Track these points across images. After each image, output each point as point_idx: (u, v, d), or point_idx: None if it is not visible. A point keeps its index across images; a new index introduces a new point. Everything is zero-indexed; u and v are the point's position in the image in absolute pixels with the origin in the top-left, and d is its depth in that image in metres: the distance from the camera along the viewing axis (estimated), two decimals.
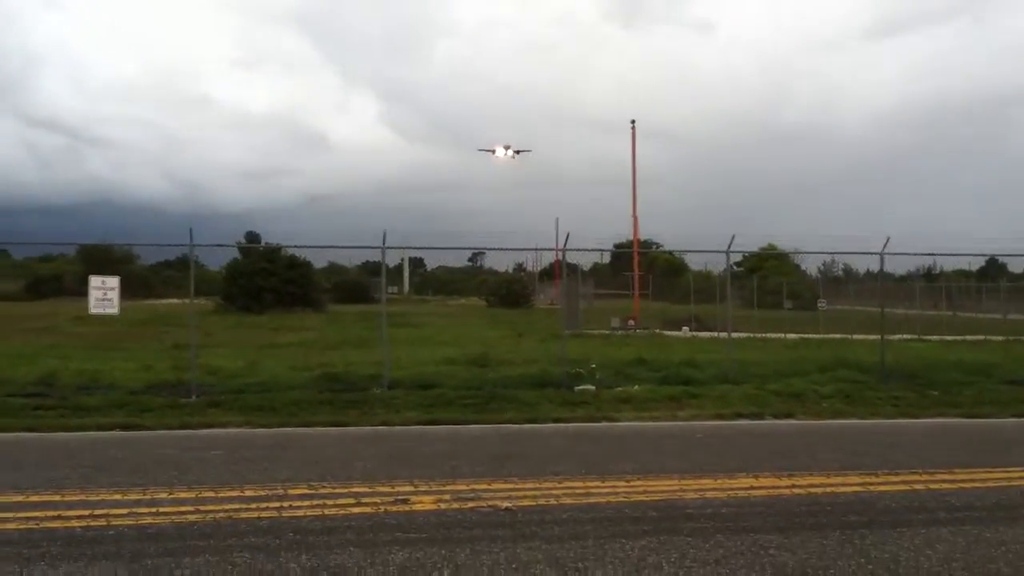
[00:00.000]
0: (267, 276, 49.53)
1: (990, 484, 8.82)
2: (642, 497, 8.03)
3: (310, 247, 26.29)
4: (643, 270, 48.27)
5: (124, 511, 7.36)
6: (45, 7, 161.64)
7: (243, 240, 44.43)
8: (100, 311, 16.07)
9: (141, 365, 18.67)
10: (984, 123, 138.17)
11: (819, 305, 36.39)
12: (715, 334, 29.92)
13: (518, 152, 72.60)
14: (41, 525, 6.96)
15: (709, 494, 8.14)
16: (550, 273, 75.22)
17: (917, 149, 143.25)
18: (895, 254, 19.39)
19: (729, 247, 18.80)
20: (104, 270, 23.64)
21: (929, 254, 23.39)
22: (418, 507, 7.61)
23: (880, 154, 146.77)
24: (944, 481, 8.94)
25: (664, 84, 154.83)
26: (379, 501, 7.78)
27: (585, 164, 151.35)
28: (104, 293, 16.02)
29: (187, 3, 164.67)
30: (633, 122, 46.15)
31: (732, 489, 8.38)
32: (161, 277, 59.12)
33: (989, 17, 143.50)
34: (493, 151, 72.60)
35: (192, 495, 7.96)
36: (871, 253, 19.72)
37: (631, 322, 36.46)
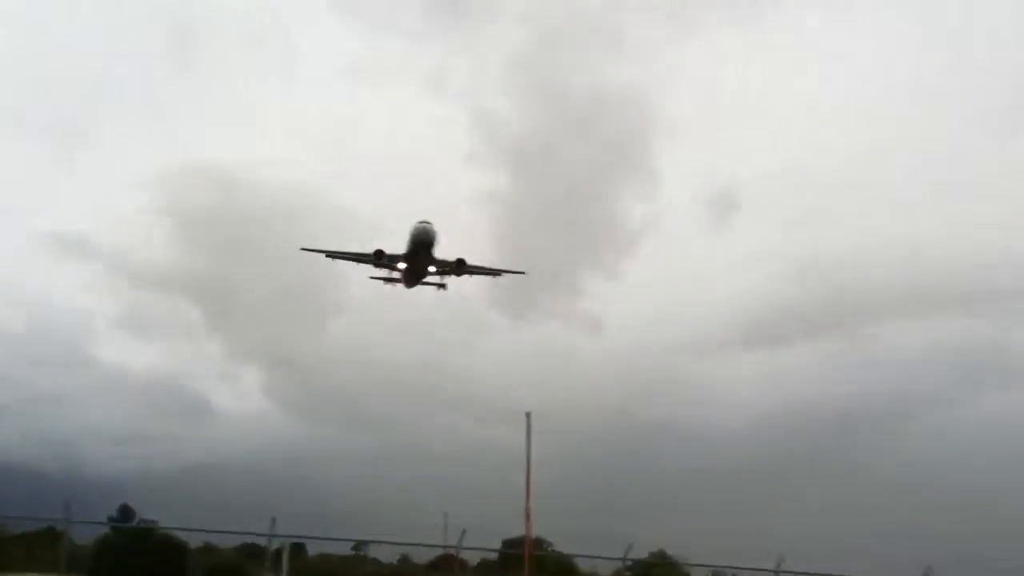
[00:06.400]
0: (139, 555, 46.76)
1: None
2: None
3: (189, 530, 25.32)
4: (534, 568, 47.35)
5: None
6: None
7: (115, 513, 42.30)
8: None
9: None
10: (865, 435, 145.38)
11: None
12: None
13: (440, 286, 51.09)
14: None
15: None
16: (436, 566, 72.52)
17: (795, 458, 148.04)
18: (789, 572, 19.84)
19: (626, 555, 19.13)
20: None
21: (824, 574, 24.09)
22: None
23: (760, 459, 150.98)
24: None
25: (550, 374, 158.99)
26: None
27: (470, 449, 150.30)
28: None
29: (78, 265, 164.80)
30: (528, 414, 46.74)
31: None
32: (23, 547, 54.80)
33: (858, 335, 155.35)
34: (385, 270, 48.78)
35: None
36: (765, 570, 20.21)
37: None
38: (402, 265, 44.52)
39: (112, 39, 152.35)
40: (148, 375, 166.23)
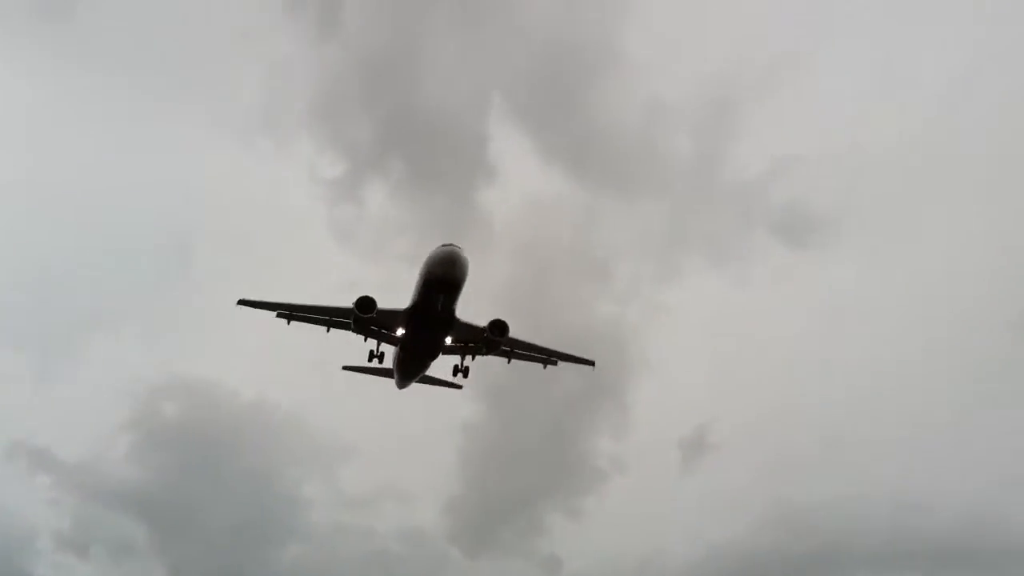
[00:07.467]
0: None
1: None
2: None
3: None
4: None
5: None
6: None
7: None
8: None
9: None
10: None
11: None
12: None
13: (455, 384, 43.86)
14: None
15: None
16: None
17: None
18: None
19: None
20: None
21: None
22: None
23: None
24: None
25: None
26: None
27: None
28: None
29: (35, 478, 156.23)
30: None
31: None
32: None
33: None
34: (372, 342, 36.95)
35: None
36: None
37: None
38: (400, 332, 28.58)
39: (105, 256, 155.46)
40: None
